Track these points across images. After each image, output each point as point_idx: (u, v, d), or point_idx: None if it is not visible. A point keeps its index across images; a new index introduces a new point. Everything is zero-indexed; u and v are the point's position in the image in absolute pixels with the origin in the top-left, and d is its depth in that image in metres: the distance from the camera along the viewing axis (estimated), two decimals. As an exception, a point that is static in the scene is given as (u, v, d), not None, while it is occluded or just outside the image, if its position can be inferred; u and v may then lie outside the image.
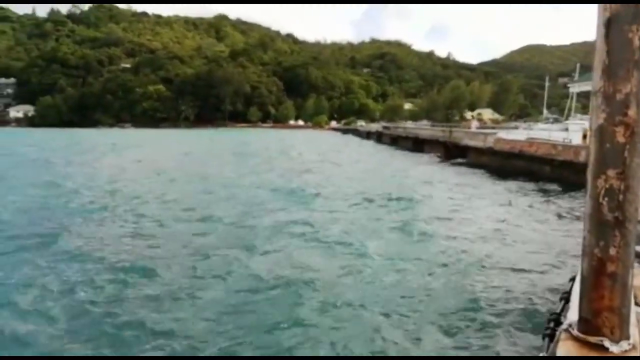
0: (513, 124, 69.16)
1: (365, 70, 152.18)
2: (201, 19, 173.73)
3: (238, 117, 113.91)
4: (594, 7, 1.08)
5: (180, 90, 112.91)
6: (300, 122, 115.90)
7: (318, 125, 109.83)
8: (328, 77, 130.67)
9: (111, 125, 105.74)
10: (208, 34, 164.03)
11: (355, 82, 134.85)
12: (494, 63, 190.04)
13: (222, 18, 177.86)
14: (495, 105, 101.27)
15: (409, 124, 58.83)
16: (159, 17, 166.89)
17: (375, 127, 68.22)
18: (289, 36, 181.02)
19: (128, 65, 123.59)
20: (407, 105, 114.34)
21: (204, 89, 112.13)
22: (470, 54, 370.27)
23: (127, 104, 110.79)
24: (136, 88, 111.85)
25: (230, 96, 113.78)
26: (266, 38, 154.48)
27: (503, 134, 24.26)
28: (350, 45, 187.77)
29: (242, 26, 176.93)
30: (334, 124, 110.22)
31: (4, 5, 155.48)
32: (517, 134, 24.73)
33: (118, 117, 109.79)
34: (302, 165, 24.02)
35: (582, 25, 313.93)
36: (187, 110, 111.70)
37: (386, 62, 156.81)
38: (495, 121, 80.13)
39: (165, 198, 13.68)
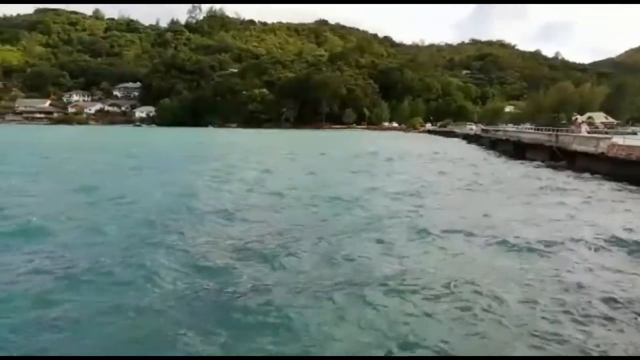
0: (630, 128, 64.07)
1: (464, 71, 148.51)
2: (303, 24, 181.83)
3: (334, 119, 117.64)
4: None
5: (281, 93, 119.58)
6: (394, 124, 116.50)
7: (412, 127, 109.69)
8: (424, 79, 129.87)
9: (220, 126, 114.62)
10: (309, 39, 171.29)
11: (453, 84, 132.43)
12: (609, 63, 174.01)
13: (322, 23, 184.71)
14: (609, 109, 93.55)
15: (510, 127, 57.23)
16: (264, 24, 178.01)
17: (474, 129, 66.91)
18: (386, 39, 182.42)
19: (236, 70, 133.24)
20: (508, 108, 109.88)
21: (303, 92, 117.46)
22: (582, 53, 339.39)
23: (234, 106, 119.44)
24: (242, 91, 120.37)
25: (327, 99, 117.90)
26: (364, 42, 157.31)
27: (618, 140, 22.61)
28: (449, 46, 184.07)
29: (341, 30, 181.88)
30: (428, 126, 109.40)
31: (134, 18, 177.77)
32: (636, 140, 23.12)
33: (226, 118, 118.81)
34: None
35: None
36: (288, 112, 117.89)
37: (487, 63, 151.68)
38: (608, 125, 74.57)
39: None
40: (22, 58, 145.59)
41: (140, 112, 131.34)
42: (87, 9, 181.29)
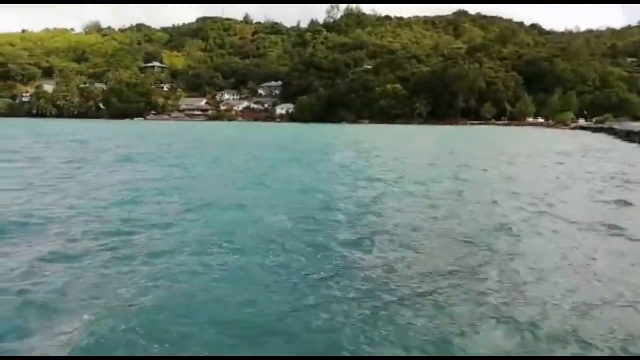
0: None
1: (630, 59, 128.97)
2: (439, 17, 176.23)
3: (470, 114, 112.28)
4: None
5: (415, 88, 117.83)
6: (540, 119, 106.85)
7: (562, 123, 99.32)
8: (578, 69, 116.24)
9: (352, 122, 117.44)
10: (446, 31, 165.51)
11: (614, 74, 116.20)
12: None
13: (461, 14, 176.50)
14: None
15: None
16: (400, 19, 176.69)
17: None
18: (534, 27, 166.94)
19: (369, 67, 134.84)
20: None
21: (438, 86, 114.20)
22: None
23: (367, 101, 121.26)
24: (376, 87, 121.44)
25: (464, 93, 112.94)
26: (507, 31, 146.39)
27: None
28: (611, 31, 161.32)
29: (481, 21, 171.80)
30: (581, 121, 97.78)
31: (277, 20, 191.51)
32: None
33: (358, 114, 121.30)
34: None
35: None
36: (421, 107, 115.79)
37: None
38: None
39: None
40: (185, 62, 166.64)
41: (280, 109, 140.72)
42: (238, 15, 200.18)
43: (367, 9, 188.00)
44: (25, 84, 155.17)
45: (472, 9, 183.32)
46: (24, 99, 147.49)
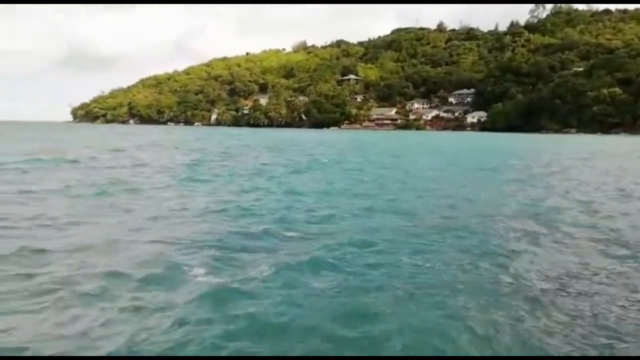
0: None
1: None
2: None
3: None
4: None
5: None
6: None
7: None
8: None
9: (556, 131, 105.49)
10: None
11: None
12: None
13: None
14: None
15: None
16: (623, 12, 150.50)
17: None
18: None
19: (580, 69, 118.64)
20: None
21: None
22: None
23: (575, 108, 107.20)
24: (587, 92, 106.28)
25: None
26: None
27: None
28: None
29: None
30: None
31: (473, 26, 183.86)
32: None
33: (564, 122, 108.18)
34: None
35: None
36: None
37: None
38: None
39: None
40: (378, 73, 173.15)
41: (472, 118, 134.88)
42: (432, 24, 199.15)
43: (580, 5, 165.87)
44: (246, 98, 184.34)
45: None
46: (244, 112, 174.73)
